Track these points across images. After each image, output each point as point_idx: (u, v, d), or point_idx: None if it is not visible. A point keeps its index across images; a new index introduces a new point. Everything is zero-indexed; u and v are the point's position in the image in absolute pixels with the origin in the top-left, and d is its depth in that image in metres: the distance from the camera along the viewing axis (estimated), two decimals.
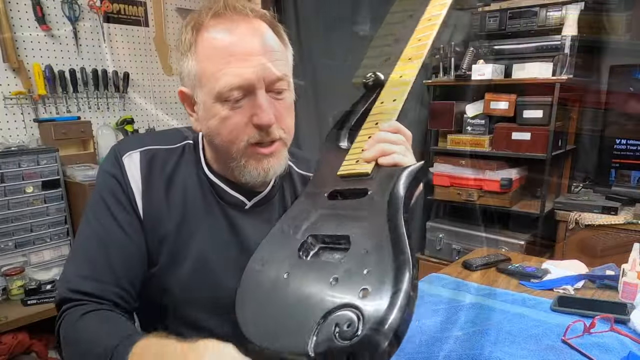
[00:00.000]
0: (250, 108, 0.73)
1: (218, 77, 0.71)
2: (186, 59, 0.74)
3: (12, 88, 2.21)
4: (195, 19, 0.74)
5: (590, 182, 2.45)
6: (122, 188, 0.78)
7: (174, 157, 0.83)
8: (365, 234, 0.63)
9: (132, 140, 0.85)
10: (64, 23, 2.36)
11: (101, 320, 0.71)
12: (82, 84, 2.43)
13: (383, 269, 0.57)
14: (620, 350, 0.87)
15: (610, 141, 2.23)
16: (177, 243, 0.80)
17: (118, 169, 0.79)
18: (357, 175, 0.72)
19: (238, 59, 0.70)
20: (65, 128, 2.27)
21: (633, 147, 2.17)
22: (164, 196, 0.80)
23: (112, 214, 0.77)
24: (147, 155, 0.81)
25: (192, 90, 0.76)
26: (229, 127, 0.74)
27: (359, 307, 0.54)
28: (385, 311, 0.52)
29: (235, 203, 0.84)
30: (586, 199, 2.21)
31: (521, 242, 2.25)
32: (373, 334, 0.51)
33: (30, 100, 2.26)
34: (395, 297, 0.53)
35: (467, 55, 2.38)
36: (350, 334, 0.52)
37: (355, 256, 0.61)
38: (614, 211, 2.07)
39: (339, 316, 0.54)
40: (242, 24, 0.72)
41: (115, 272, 0.75)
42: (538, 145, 2.18)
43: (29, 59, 2.26)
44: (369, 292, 0.54)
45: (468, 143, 2.40)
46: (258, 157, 0.76)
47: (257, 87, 0.72)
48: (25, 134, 2.25)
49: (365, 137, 0.75)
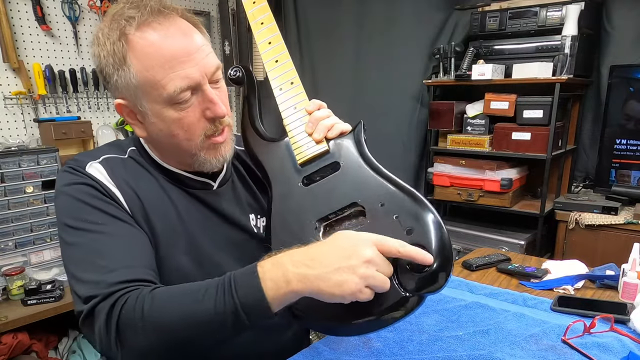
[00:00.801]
0: (201, 104, 0.76)
1: (165, 84, 0.72)
2: (122, 71, 0.74)
3: (12, 88, 2.21)
4: (119, 30, 0.73)
5: (590, 182, 2.45)
6: (100, 191, 0.76)
7: (128, 162, 0.84)
8: (369, 193, 0.72)
9: (82, 157, 0.82)
10: (64, 23, 2.37)
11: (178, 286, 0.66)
12: (82, 84, 2.43)
13: (408, 207, 0.68)
14: (620, 350, 0.87)
15: (610, 141, 2.23)
16: (168, 235, 0.81)
17: (86, 177, 0.77)
18: (319, 155, 0.78)
19: (180, 61, 0.72)
20: (65, 128, 2.27)
21: (633, 147, 2.17)
22: (141, 193, 0.80)
23: (104, 211, 0.74)
24: (107, 164, 0.81)
25: (133, 100, 0.77)
26: (185, 127, 0.77)
27: (417, 243, 0.64)
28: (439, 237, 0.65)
29: (203, 187, 0.87)
30: (586, 199, 2.21)
31: (521, 242, 2.25)
32: (441, 250, 0.65)
33: (30, 100, 2.26)
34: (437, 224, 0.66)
35: (467, 55, 2.38)
36: (423, 265, 0.64)
37: (376, 213, 0.70)
38: (614, 211, 2.07)
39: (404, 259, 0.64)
40: (171, 27, 0.74)
41: (141, 257, 0.73)
42: (538, 145, 2.18)
43: (29, 59, 2.26)
44: (414, 230, 0.67)
45: (468, 143, 2.40)
46: (215, 147, 0.81)
47: (202, 83, 0.75)
48: (25, 134, 2.25)
49: (295, 123, 0.80)
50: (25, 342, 1.88)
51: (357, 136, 0.78)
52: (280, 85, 0.81)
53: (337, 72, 2.96)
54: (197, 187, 0.87)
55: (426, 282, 0.65)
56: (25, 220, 2.03)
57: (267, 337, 0.89)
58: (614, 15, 2.28)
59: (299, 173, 0.78)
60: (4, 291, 1.96)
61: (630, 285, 1.09)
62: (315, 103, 0.81)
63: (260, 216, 0.93)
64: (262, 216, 0.93)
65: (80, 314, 0.67)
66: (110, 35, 0.74)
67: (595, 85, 2.39)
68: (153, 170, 0.85)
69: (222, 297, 0.61)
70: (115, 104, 0.80)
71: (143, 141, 0.87)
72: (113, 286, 0.65)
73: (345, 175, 0.75)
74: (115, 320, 0.63)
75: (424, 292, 0.65)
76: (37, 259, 2.09)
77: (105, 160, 0.81)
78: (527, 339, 0.92)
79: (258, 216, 0.93)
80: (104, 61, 0.75)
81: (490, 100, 2.31)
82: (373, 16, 2.81)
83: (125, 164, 0.83)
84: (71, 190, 0.76)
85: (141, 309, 0.62)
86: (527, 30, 2.26)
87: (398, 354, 0.87)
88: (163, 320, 0.62)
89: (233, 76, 0.84)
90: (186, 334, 0.62)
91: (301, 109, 0.80)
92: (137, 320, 0.62)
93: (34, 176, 2.04)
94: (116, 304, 0.64)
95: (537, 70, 2.12)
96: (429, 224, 0.67)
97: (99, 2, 2.45)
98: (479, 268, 1.32)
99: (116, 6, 0.76)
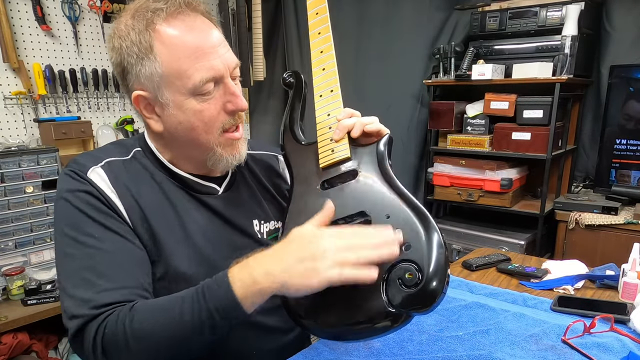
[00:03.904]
0: (222, 96, 0.78)
1: (190, 74, 0.74)
2: (147, 61, 0.75)
3: (12, 88, 2.21)
4: (145, 20, 0.74)
5: (590, 182, 2.45)
6: (100, 200, 0.75)
7: (132, 164, 0.83)
8: (378, 204, 0.72)
9: (83, 159, 0.81)
10: (64, 23, 2.36)
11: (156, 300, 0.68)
12: (82, 84, 2.43)
13: (411, 223, 0.68)
14: (620, 350, 0.87)
15: (610, 141, 2.23)
16: (170, 241, 0.79)
17: (88, 184, 0.76)
18: (340, 161, 0.79)
19: (205, 52, 0.74)
20: (65, 128, 2.27)
21: (633, 147, 2.17)
22: (142, 200, 0.79)
23: (102, 225, 0.74)
24: (110, 168, 0.80)
25: (155, 91, 0.77)
26: (205, 119, 0.77)
27: (411, 259, 0.65)
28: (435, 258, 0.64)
29: (208, 192, 0.87)
30: (586, 199, 2.21)
31: (521, 242, 2.25)
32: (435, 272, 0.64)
33: (30, 100, 2.26)
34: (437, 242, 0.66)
35: (467, 55, 2.38)
36: (415, 281, 0.64)
37: (381, 224, 0.70)
38: (614, 211, 2.07)
39: (396, 272, 0.65)
40: (197, 20, 0.76)
41: (134, 276, 0.73)
42: (538, 145, 2.18)
43: (29, 59, 2.26)
44: (412, 246, 0.66)
45: (468, 143, 2.41)
46: (233, 144, 0.82)
47: (225, 76, 0.77)
48: (25, 134, 2.25)
49: (325, 129, 0.82)
50: (25, 342, 1.88)
51: (381, 147, 0.78)
52: (321, 92, 0.83)
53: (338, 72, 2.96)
54: (202, 192, 0.86)
55: (413, 299, 0.64)
56: (25, 220, 2.03)
57: (269, 337, 0.89)
58: (614, 15, 2.28)
59: (319, 176, 0.80)
60: (4, 291, 1.96)
61: (630, 285, 1.09)
62: (346, 111, 0.81)
63: (264, 222, 0.93)
64: (266, 221, 0.93)
65: (68, 329, 0.68)
66: (135, 25, 0.75)
67: (595, 85, 2.39)
68: (157, 172, 0.84)
69: (197, 304, 0.64)
70: (133, 96, 0.79)
71: (150, 140, 0.86)
72: (102, 308, 0.67)
73: (360, 184, 0.76)
74: (100, 340, 0.65)
75: (410, 310, 0.64)
76: (37, 259, 2.09)
77: (107, 164, 0.80)
78: (527, 339, 0.92)
79: (262, 221, 0.93)
80: (126, 52, 0.76)
81: (490, 100, 2.31)
82: (373, 16, 2.81)
83: (128, 166, 0.82)
84: (71, 197, 0.75)
85: (122, 327, 0.64)
86: (527, 30, 2.26)
87: (398, 354, 0.87)
88: (144, 335, 0.64)
89: (287, 80, 0.89)
90: (169, 343, 0.64)
91: (333, 116, 0.82)
92: (120, 338, 0.64)
93: (34, 176, 2.04)
94: (101, 324, 0.65)
95: (537, 70, 2.12)
96: (428, 243, 0.66)
97: (99, 2, 2.45)
98: (479, 268, 1.32)
99: (138, 1, 0.78)
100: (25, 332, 1.88)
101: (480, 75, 2.26)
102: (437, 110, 2.48)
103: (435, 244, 0.66)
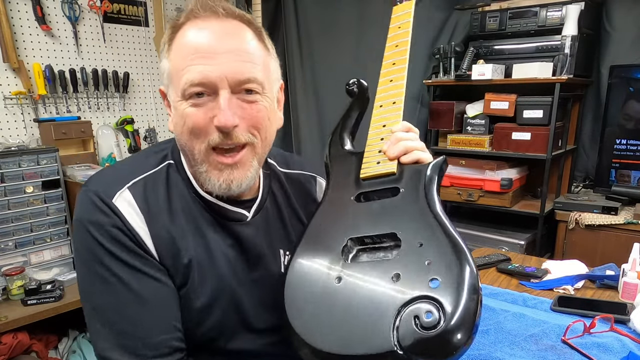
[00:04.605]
0: (212, 109, 0.70)
1: (182, 74, 0.70)
2: (162, 57, 0.75)
3: (12, 88, 2.21)
4: (174, 19, 0.75)
5: (590, 182, 2.45)
6: (127, 235, 0.71)
7: (161, 181, 0.78)
8: (412, 229, 0.65)
9: (109, 178, 0.77)
10: (64, 23, 2.36)
11: None
12: (82, 84, 2.43)
13: (445, 257, 0.59)
14: (620, 350, 0.87)
15: (610, 141, 2.23)
16: (196, 275, 0.76)
17: (113, 215, 0.71)
18: (383, 175, 0.73)
19: (202, 56, 0.69)
20: (65, 128, 2.27)
21: (633, 147, 2.17)
22: (171, 226, 0.75)
23: (130, 265, 0.71)
24: (138, 189, 0.75)
25: (166, 88, 0.77)
26: (190, 124, 0.71)
27: (434, 298, 0.56)
28: (465, 303, 0.55)
29: (236, 218, 0.81)
30: (586, 199, 2.21)
31: (521, 242, 2.25)
32: (461, 319, 0.55)
33: (30, 100, 2.26)
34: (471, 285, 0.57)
35: (467, 55, 2.38)
36: (434, 323, 0.55)
37: (411, 250, 0.63)
38: (614, 211, 2.07)
39: (414, 309, 0.57)
40: (215, 23, 0.71)
41: (163, 323, 0.72)
42: (538, 145, 2.18)
43: (29, 59, 2.26)
44: (441, 283, 0.57)
45: (468, 143, 2.40)
46: (219, 167, 0.73)
47: (219, 87, 0.70)
48: (25, 134, 2.25)
49: (376, 139, 0.77)
50: (25, 342, 1.88)
51: (431, 170, 0.71)
52: (382, 102, 0.80)
53: (337, 72, 2.96)
54: (230, 218, 0.81)
55: (428, 346, 0.55)
56: (25, 220, 2.03)
57: None
58: (614, 15, 2.28)
59: (357, 187, 0.75)
60: (4, 291, 1.96)
61: (630, 285, 1.09)
62: (404, 124, 0.77)
63: (289, 252, 0.87)
64: (291, 253, 0.89)
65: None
66: (170, 22, 0.76)
67: (595, 85, 2.39)
68: (187, 192, 0.79)
69: None
70: (159, 89, 0.80)
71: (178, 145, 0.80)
72: None
73: (399, 204, 0.70)
74: None
75: (420, 358, 0.55)
76: (37, 259, 2.09)
77: (135, 185, 0.75)
78: (527, 339, 0.92)
79: (287, 253, 0.87)
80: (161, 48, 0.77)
81: (490, 100, 2.31)
82: (373, 16, 2.81)
83: (158, 186, 0.77)
84: (95, 231, 0.71)
85: None
86: (527, 30, 2.26)
87: None
88: None
89: (350, 87, 0.86)
90: None
91: (389, 127, 0.77)
92: None
93: (34, 176, 2.04)
94: None
95: (537, 70, 2.12)
96: (460, 284, 0.57)
97: (99, 2, 2.45)
98: (479, 268, 1.32)
99: None
100: (25, 332, 1.88)
101: (480, 75, 2.26)
102: (437, 110, 2.48)
103: (468, 286, 0.56)
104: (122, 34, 2.61)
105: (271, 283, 0.81)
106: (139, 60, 2.71)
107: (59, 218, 2.14)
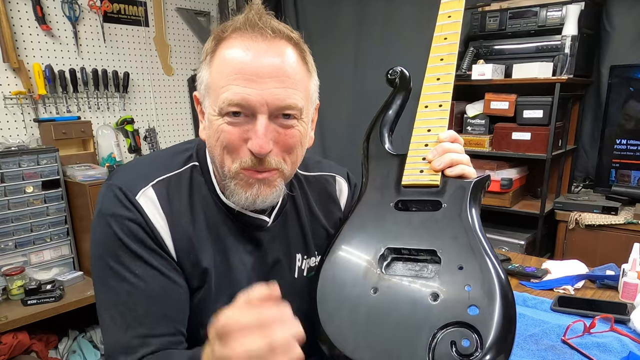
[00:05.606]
0: (248, 131, 0.70)
1: (221, 92, 0.69)
2: (202, 67, 0.74)
3: (12, 88, 2.21)
4: (220, 29, 0.73)
5: (590, 182, 2.45)
6: (146, 232, 0.72)
7: (185, 183, 0.78)
8: (453, 249, 0.63)
9: (134, 174, 0.77)
10: (64, 23, 2.36)
11: None
12: (82, 84, 2.43)
13: (487, 285, 0.59)
14: (620, 350, 0.87)
15: (610, 141, 2.23)
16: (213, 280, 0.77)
17: (135, 211, 0.72)
18: (425, 186, 0.71)
19: (245, 78, 0.68)
20: (65, 128, 2.27)
21: (633, 147, 2.17)
22: (191, 231, 0.75)
23: (145, 261, 0.72)
24: (162, 189, 0.75)
25: (202, 97, 0.76)
26: (224, 142, 0.71)
27: (474, 327, 0.56)
28: (505, 328, 0.56)
29: (257, 224, 0.81)
30: (586, 199, 2.21)
31: (521, 242, 2.25)
32: (497, 351, 0.55)
33: (30, 100, 2.26)
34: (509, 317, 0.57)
35: (467, 55, 2.38)
36: (471, 351, 0.55)
37: (450, 272, 0.62)
38: (614, 211, 2.07)
39: (452, 333, 0.57)
40: (262, 44, 0.69)
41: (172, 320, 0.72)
42: (538, 145, 2.18)
43: (29, 59, 2.26)
44: (480, 312, 0.57)
45: (468, 143, 2.40)
46: (249, 182, 0.72)
47: (258, 111, 0.69)
48: (25, 134, 2.25)
49: (420, 144, 0.74)
50: (25, 342, 1.88)
51: (475, 187, 0.70)
52: (427, 103, 0.76)
53: (337, 72, 2.97)
54: (251, 224, 0.81)
55: None
56: (25, 220, 2.03)
57: None
58: (614, 15, 2.28)
59: (397, 193, 0.73)
60: (4, 291, 1.96)
61: (630, 285, 1.09)
62: (450, 134, 0.75)
63: (307, 257, 0.88)
64: (309, 257, 0.88)
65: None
66: (215, 31, 0.74)
67: (595, 85, 2.39)
68: (209, 197, 0.79)
69: None
70: (194, 94, 0.80)
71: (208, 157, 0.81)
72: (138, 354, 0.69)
73: (441, 219, 0.67)
74: None
75: None
76: (37, 259, 2.09)
77: (159, 184, 0.75)
78: (527, 339, 0.92)
79: (304, 257, 0.87)
80: (202, 57, 0.76)
81: (490, 100, 2.31)
82: (373, 16, 2.81)
83: (181, 187, 0.77)
84: (116, 225, 0.71)
85: None
86: (527, 30, 2.26)
87: None
88: None
89: (391, 77, 0.82)
90: None
91: (434, 133, 0.74)
92: None
93: (34, 176, 2.04)
94: None
95: (537, 70, 2.12)
96: (500, 316, 0.56)
97: (99, 2, 2.45)
98: None
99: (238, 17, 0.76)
100: (25, 332, 1.88)
101: (480, 75, 2.26)
102: None
103: (506, 318, 0.57)
104: (122, 34, 2.61)
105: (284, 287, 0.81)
106: (139, 60, 2.71)
107: (59, 218, 2.14)
